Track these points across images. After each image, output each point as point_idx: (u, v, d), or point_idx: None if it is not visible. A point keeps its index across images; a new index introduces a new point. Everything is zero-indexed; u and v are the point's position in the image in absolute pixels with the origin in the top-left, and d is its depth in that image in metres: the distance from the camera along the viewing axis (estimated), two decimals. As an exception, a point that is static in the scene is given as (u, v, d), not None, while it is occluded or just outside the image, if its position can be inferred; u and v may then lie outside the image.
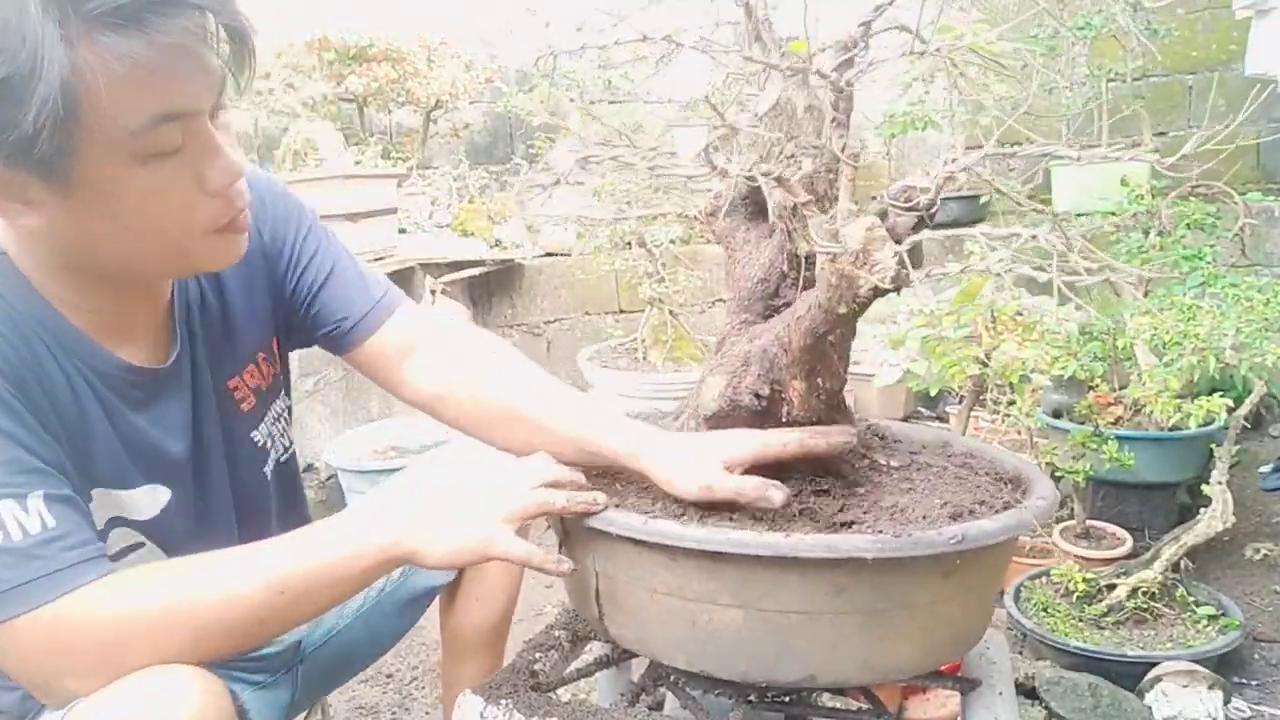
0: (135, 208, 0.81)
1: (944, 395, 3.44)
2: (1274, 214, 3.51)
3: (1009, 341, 2.10)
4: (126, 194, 0.80)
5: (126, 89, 0.74)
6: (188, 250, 0.87)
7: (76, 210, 0.80)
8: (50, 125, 0.72)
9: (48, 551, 0.78)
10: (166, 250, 0.87)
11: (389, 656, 2.23)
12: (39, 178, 0.77)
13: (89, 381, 0.90)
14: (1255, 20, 3.34)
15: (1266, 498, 2.89)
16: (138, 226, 0.83)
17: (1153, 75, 4.06)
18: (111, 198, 0.80)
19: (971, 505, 1.02)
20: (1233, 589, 2.35)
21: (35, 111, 0.71)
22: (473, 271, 3.81)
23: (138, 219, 0.82)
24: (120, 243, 0.84)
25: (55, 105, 0.71)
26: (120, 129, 0.76)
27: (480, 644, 1.40)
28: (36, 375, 0.85)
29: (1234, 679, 2.00)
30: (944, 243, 1.51)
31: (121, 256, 0.86)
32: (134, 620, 0.80)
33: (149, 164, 0.79)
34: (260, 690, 1.15)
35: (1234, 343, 1.89)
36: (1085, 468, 2.31)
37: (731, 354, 1.04)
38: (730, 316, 1.08)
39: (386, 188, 3.45)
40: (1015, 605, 2.12)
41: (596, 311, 4.23)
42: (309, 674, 1.25)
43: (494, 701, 1.09)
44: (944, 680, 1.28)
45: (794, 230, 0.95)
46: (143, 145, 0.78)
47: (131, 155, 0.78)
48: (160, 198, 0.82)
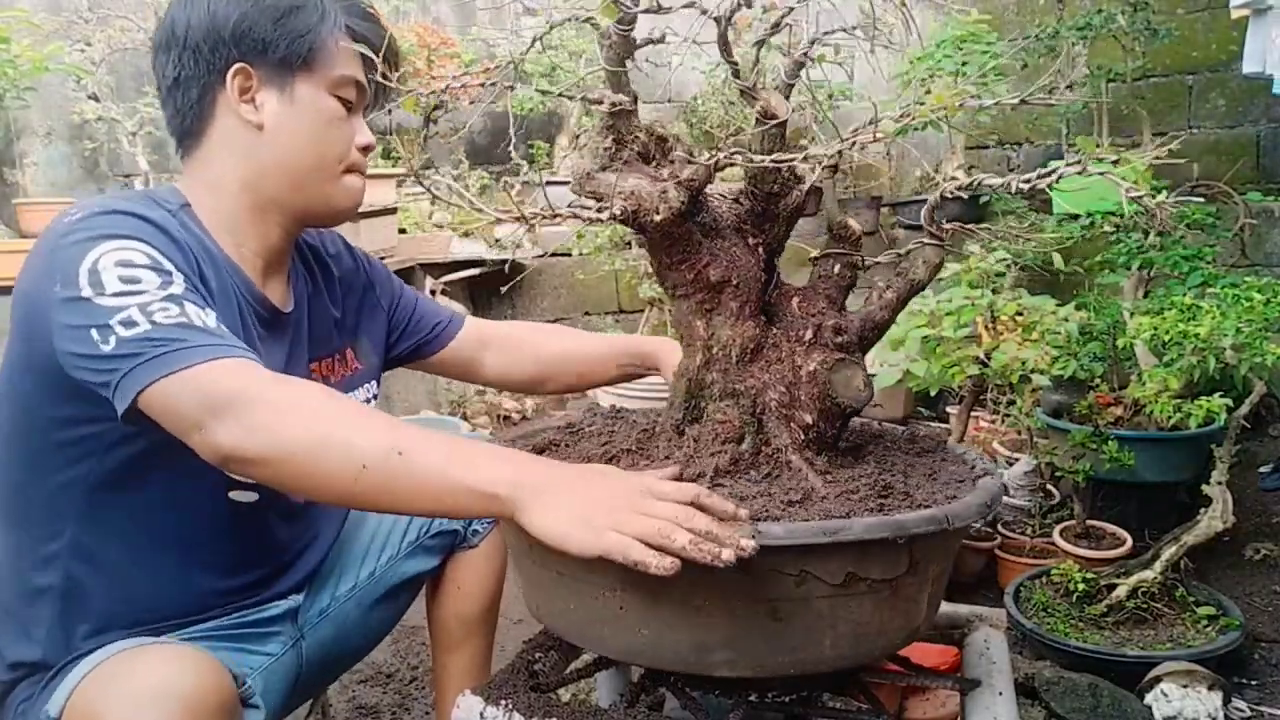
0: (324, 123, 1.17)
1: (944, 395, 3.44)
2: (1274, 214, 3.51)
3: (1009, 341, 2.10)
4: (320, 113, 1.17)
5: (347, 53, 1.17)
6: (334, 180, 1.19)
7: (284, 115, 1.14)
8: (309, 51, 1.14)
9: (227, 338, 0.98)
10: (324, 172, 1.18)
11: (389, 656, 2.24)
12: (275, 88, 1.14)
13: (239, 300, 1.15)
14: (1252, 19, 3.33)
15: (1266, 498, 2.89)
16: (319, 137, 1.17)
17: (1153, 75, 4.06)
18: (313, 111, 1.16)
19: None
20: (1233, 589, 2.35)
21: (319, 28, 1.14)
22: (473, 271, 3.82)
23: (321, 132, 1.17)
24: (300, 156, 1.16)
25: (319, 38, 1.14)
26: (332, 72, 1.16)
27: (466, 634, 1.45)
28: (210, 280, 1.09)
29: (1234, 679, 2.00)
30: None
31: (298, 169, 1.17)
32: (291, 391, 0.96)
33: (338, 103, 1.18)
34: (272, 662, 1.23)
35: (1234, 343, 1.89)
36: (1085, 468, 2.31)
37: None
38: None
39: (386, 188, 3.45)
40: (1015, 605, 2.12)
41: (596, 311, 4.23)
42: (310, 653, 1.30)
43: (493, 702, 1.09)
44: (944, 680, 1.28)
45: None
46: (339, 88, 1.17)
47: (330, 90, 1.17)
48: (335, 127, 1.18)
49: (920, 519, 0.97)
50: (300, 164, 1.17)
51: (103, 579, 1.10)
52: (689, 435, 1.13)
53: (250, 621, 1.22)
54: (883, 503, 1.02)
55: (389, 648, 2.28)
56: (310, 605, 1.33)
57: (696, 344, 1.15)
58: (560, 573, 1.04)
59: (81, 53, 3.51)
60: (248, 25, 1.12)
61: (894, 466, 1.18)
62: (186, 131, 1.16)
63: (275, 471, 0.93)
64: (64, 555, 1.09)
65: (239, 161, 1.15)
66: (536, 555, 1.05)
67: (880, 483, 1.06)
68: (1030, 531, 2.52)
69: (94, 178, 4.41)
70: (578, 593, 1.03)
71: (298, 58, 1.13)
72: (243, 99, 1.13)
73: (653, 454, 1.14)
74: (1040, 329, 2.12)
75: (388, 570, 1.40)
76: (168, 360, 0.92)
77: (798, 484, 1.06)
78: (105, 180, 4.43)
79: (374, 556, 1.40)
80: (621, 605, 0.99)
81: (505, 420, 3.79)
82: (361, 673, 2.17)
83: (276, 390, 0.95)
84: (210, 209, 1.15)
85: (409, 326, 1.47)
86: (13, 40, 2.95)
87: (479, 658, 1.47)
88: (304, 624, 1.31)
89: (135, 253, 0.99)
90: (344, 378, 1.34)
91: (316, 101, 1.16)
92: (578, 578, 1.02)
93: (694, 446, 1.11)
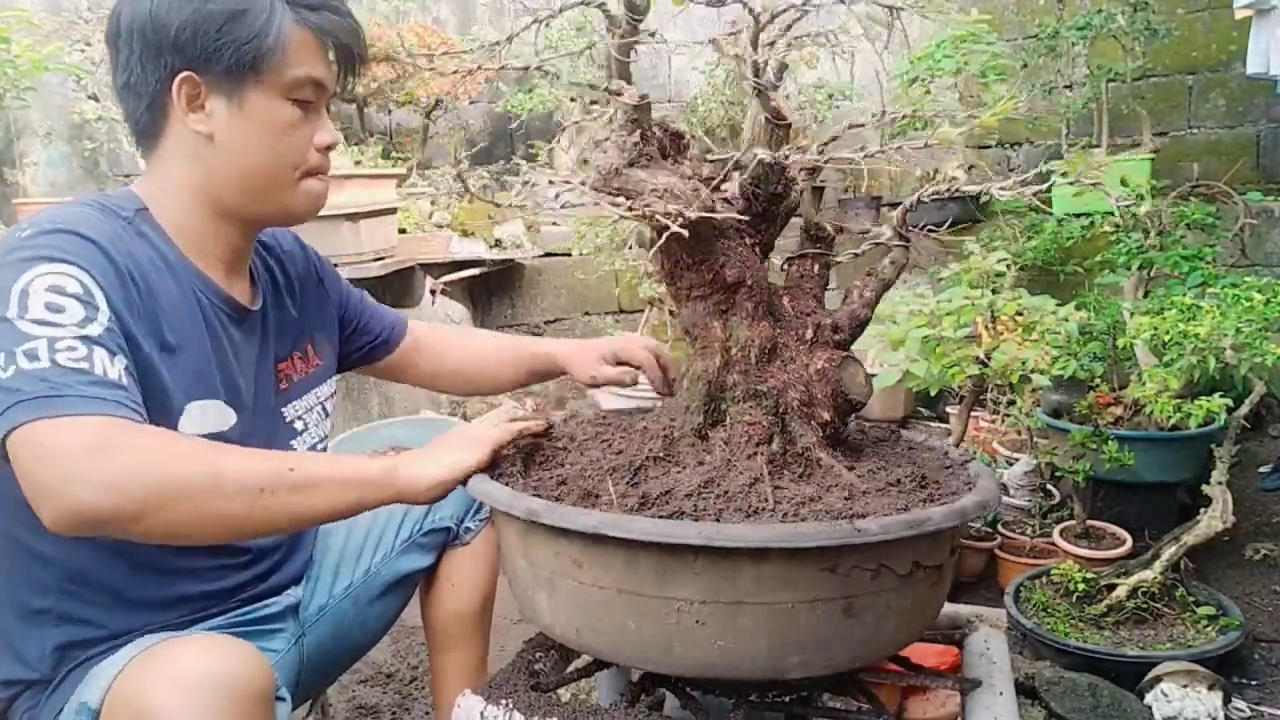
0: (277, 131, 1.11)
1: (944, 395, 3.44)
2: (1274, 214, 3.51)
3: (1009, 341, 2.09)
4: (274, 120, 1.11)
5: (302, 51, 1.10)
6: (291, 186, 1.15)
7: (234, 125, 1.09)
8: (256, 58, 1.07)
9: (118, 393, 0.95)
10: (280, 180, 1.14)
11: (389, 656, 2.24)
12: (224, 95, 1.08)
13: (200, 302, 1.13)
14: (1256, 20, 3.33)
15: (1266, 498, 2.89)
16: (270, 146, 1.12)
17: (1153, 75, 4.06)
18: (264, 120, 1.10)
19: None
20: (1233, 589, 2.35)
21: (265, 35, 1.06)
22: (473, 271, 3.81)
23: (273, 140, 1.12)
24: (252, 165, 1.12)
25: (266, 43, 1.07)
26: (286, 74, 1.09)
27: (461, 633, 1.45)
28: (158, 292, 1.07)
29: (1234, 679, 2.00)
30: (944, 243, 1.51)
31: (251, 178, 1.13)
32: (162, 449, 0.94)
33: (292, 106, 1.12)
34: (279, 659, 1.23)
35: (1234, 343, 1.89)
36: (1085, 468, 2.31)
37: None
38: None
39: (386, 188, 3.45)
40: (1015, 605, 2.12)
41: (596, 311, 4.23)
42: (311, 651, 1.31)
43: (494, 701, 1.09)
44: (944, 680, 1.28)
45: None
46: (293, 91, 1.11)
47: (284, 94, 1.10)
48: (292, 131, 1.13)
49: (973, 505, 1.02)
50: (253, 173, 1.13)
51: (101, 596, 1.09)
52: (716, 439, 1.12)
53: (257, 618, 1.22)
54: (928, 493, 1.05)
55: (389, 648, 2.28)
56: (310, 602, 1.34)
57: (714, 345, 1.13)
58: (622, 590, 1.00)
59: (81, 53, 3.52)
60: (190, 33, 1.06)
61: (892, 459, 1.19)
62: (142, 133, 1.13)
63: (164, 518, 0.91)
64: (55, 579, 1.07)
65: (192, 168, 1.12)
66: (591, 575, 1.01)
67: (909, 475, 1.09)
68: (1030, 531, 2.52)
69: (94, 178, 4.41)
70: (643, 610, 0.99)
71: (245, 66, 1.07)
72: (190, 108, 1.09)
73: (683, 460, 1.12)
74: (1040, 329, 2.11)
75: (382, 567, 1.41)
76: (48, 404, 0.89)
77: (837, 481, 1.07)
78: (105, 180, 4.43)
79: (369, 554, 1.40)
80: (699, 619, 0.97)
81: (505, 420, 3.78)
82: (361, 673, 2.17)
83: (149, 439, 0.94)
84: (169, 211, 1.13)
85: (360, 325, 1.46)
86: (13, 40, 2.95)
87: (476, 656, 1.47)
88: (305, 620, 1.31)
89: (69, 279, 0.97)
90: (307, 375, 1.33)
91: (269, 109, 1.10)
92: (647, 594, 0.99)
93: (727, 450, 1.09)
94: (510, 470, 1.15)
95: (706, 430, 1.13)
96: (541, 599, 1.08)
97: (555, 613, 1.07)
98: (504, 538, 1.15)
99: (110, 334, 0.98)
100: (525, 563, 1.09)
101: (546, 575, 1.06)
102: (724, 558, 0.94)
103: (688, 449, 1.13)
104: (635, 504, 1.01)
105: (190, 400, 1.09)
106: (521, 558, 1.10)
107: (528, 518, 1.02)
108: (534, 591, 1.09)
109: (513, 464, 1.17)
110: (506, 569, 1.18)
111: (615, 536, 0.95)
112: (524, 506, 1.02)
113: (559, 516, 0.99)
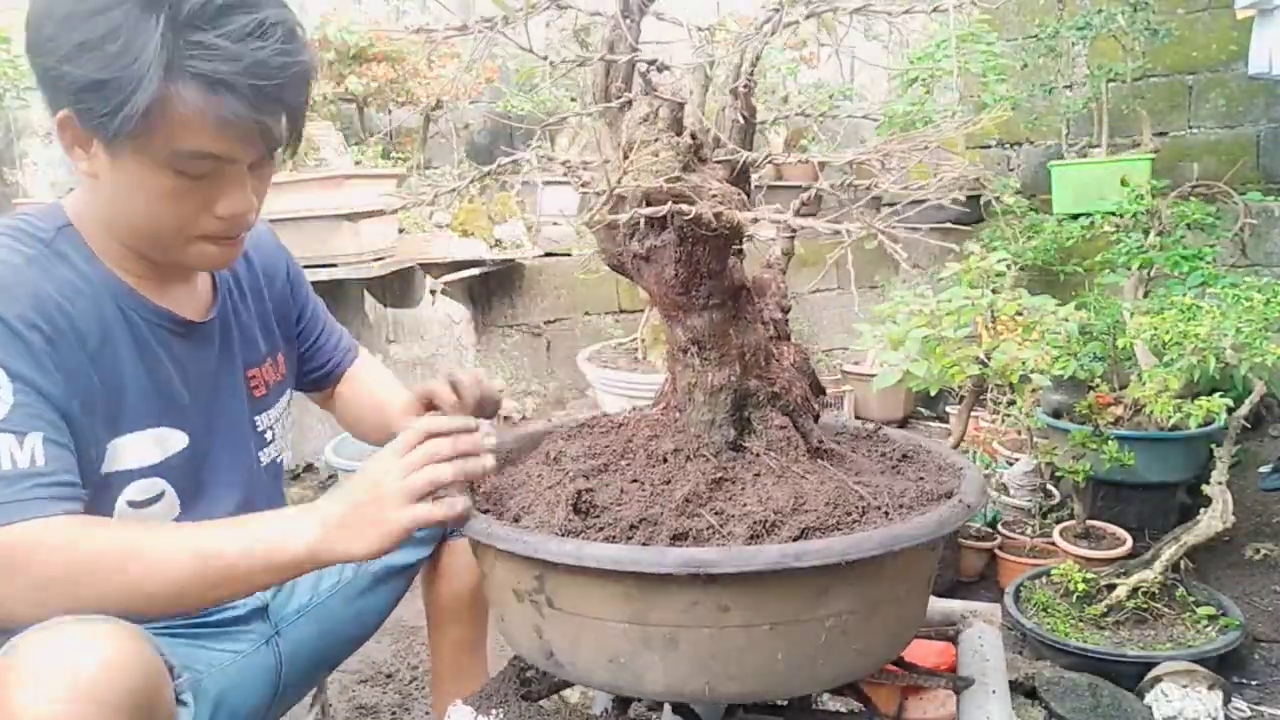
0: (155, 198, 1.00)
1: (944, 395, 3.44)
2: (1274, 214, 3.51)
3: (1009, 341, 2.09)
4: (149, 188, 0.99)
5: (189, 126, 0.95)
6: (179, 247, 1.06)
7: (114, 176, 0.99)
8: (123, 128, 0.93)
9: (24, 485, 0.90)
10: (163, 241, 1.05)
11: (389, 656, 2.24)
12: (101, 140, 0.96)
13: (131, 324, 1.07)
14: (1258, 20, 3.33)
15: (1266, 498, 2.88)
16: (146, 213, 1.02)
17: (1153, 75, 4.06)
18: (137, 185, 0.99)
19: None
20: (1233, 589, 2.35)
21: (120, 112, 0.92)
22: (473, 271, 3.81)
23: (153, 205, 1.01)
24: (134, 219, 1.03)
25: (136, 113, 0.92)
26: (169, 147, 0.96)
27: (458, 610, 1.46)
28: (77, 323, 1.01)
29: (1234, 679, 2.00)
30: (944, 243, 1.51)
31: (135, 231, 1.05)
32: (72, 558, 0.90)
33: (177, 176, 0.99)
34: (237, 660, 1.19)
35: (1234, 343, 1.89)
36: (1085, 468, 2.31)
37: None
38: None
39: (386, 188, 3.45)
40: (1015, 605, 2.12)
41: (596, 311, 4.23)
42: (291, 650, 1.28)
43: (484, 711, 1.08)
44: (938, 679, 1.28)
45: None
46: (178, 163, 0.98)
47: (166, 164, 0.97)
48: (172, 201, 1.01)
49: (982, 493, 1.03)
50: (137, 228, 1.04)
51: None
52: (755, 449, 1.07)
53: (218, 620, 1.19)
54: (944, 486, 1.05)
55: (389, 648, 2.28)
56: (286, 602, 1.31)
57: (731, 354, 1.08)
58: (687, 624, 0.91)
59: (82, 53, 3.51)
60: (59, 79, 0.95)
61: (835, 457, 1.18)
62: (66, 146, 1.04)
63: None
64: None
65: (93, 199, 1.06)
66: (635, 613, 0.93)
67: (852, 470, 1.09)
68: (1030, 531, 2.52)
69: (94, 178, 4.40)
70: (710, 638, 0.91)
71: (110, 134, 0.94)
72: (75, 143, 0.99)
73: (741, 479, 1.03)
74: (1040, 329, 2.11)
75: (371, 562, 1.35)
76: None
77: (858, 472, 1.08)
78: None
79: None
80: (779, 652, 0.92)
81: (505, 420, 3.79)
82: (361, 673, 2.17)
83: (52, 551, 0.89)
84: (93, 228, 1.07)
85: (318, 342, 1.40)
86: (13, 40, 2.95)
87: (472, 632, 1.47)
88: (278, 621, 1.28)
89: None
90: (273, 385, 1.28)
91: (145, 176, 0.98)
92: (711, 625, 0.91)
93: (777, 461, 1.05)
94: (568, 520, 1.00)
95: (740, 442, 1.08)
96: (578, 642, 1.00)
97: (580, 654, 0.99)
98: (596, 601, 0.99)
99: (18, 408, 0.92)
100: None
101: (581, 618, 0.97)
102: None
103: (740, 466, 1.05)
104: (746, 537, 0.92)
105: (122, 434, 1.05)
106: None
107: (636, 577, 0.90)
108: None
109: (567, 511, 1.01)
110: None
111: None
112: (628, 561, 0.90)
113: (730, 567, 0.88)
